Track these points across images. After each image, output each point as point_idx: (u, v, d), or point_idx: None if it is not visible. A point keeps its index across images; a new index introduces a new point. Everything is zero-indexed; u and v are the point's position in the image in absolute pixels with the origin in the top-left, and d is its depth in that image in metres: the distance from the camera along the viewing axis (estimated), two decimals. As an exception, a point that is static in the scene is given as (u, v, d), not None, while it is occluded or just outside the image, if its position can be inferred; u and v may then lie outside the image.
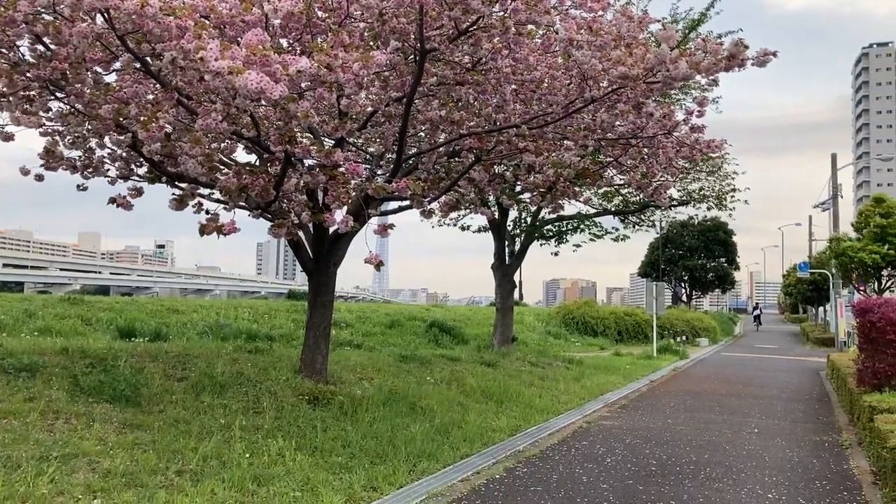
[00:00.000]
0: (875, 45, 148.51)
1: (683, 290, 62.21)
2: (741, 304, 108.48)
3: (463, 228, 21.84)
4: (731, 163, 20.47)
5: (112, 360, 8.93)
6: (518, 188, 14.93)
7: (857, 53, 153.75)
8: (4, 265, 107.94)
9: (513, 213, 20.95)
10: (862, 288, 32.11)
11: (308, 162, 8.09)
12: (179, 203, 7.02)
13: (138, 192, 7.81)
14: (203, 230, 6.62)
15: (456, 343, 23.09)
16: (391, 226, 7.58)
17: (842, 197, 36.40)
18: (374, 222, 9.48)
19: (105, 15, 5.65)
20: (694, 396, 14.99)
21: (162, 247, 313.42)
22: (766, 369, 22.61)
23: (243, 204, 7.81)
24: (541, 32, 7.51)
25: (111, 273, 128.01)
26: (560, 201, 9.69)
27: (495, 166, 9.46)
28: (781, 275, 76.19)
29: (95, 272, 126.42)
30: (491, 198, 18.66)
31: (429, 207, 8.48)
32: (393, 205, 10.08)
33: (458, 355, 16.05)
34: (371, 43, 7.05)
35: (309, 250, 10.27)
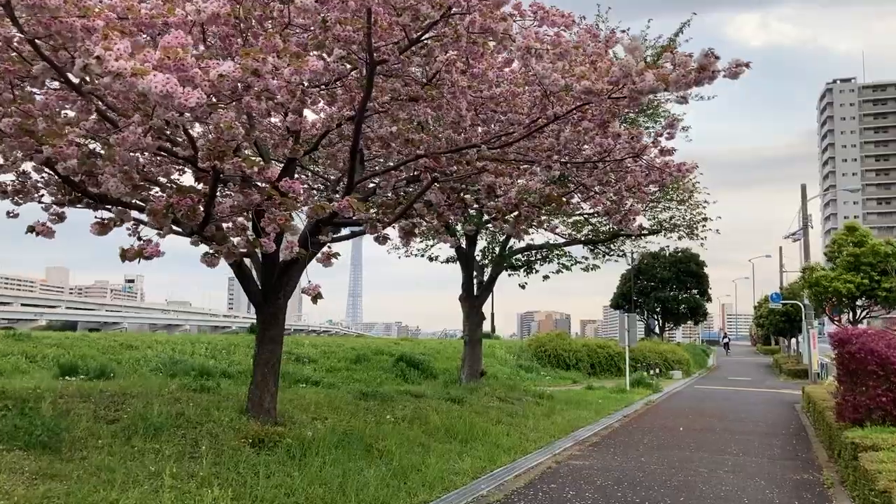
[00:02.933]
0: (839, 81, 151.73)
1: (656, 322, 61.96)
2: (713, 336, 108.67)
3: (431, 259, 21.26)
4: (702, 191, 20.17)
5: (35, 401, 8.17)
6: (485, 217, 14.45)
7: (821, 89, 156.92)
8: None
9: (481, 243, 20.43)
10: (837, 318, 31.82)
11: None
12: (102, 228, 6.35)
13: (60, 218, 7.13)
14: (124, 255, 5.97)
15: (424, 378, 22.38)
16: (336, 254, 7.00)
17: (812, 227, 36.42)
18: (345, 246, 8.95)
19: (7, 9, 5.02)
20: (668, 432, 14.41)
21: (131, 282, 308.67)
22: (741, 402, 22.13)
23: (178, 229, 7.17)
24: (502, 48, 6.98)
25: (76, 308, 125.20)
26: (525, 228, 9.16)
27: (458, 191, 8.90)
28: (753, 306, 76.36)
29: (59, 307, 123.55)
30: (459, 227, 18.20)
31: (383, 233, 7.90)
32: (352, 230, 9.49)
33: (423, 391, 15.36)
34: (315, 53, 6.53)
35: (257, 281, 9.61)
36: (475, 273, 19.71)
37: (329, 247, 12.73)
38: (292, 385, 13.91)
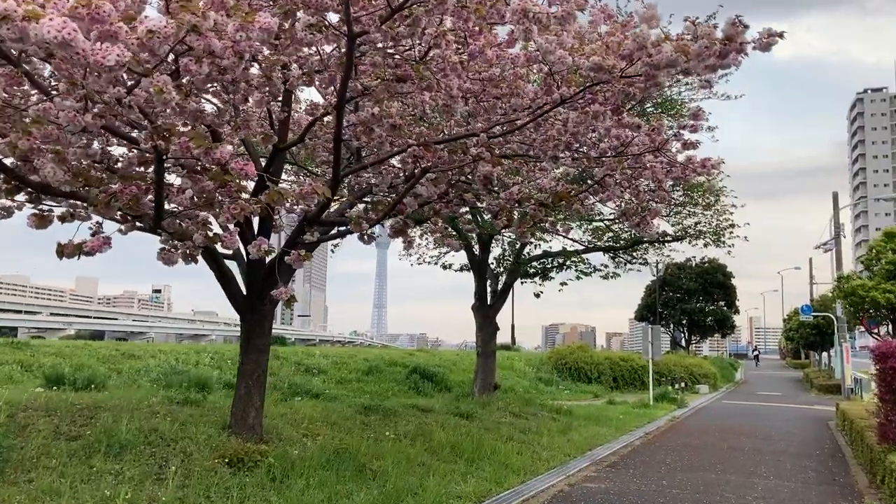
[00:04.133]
0: (870, 91, 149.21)
1: (682, 335, 60.49)
2: (741, 349, 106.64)
3: (444, 267, 20.42)
4: (729, 195, 19.08)
5: (-9, 415, 7.45)
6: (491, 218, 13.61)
7: (851, 99, 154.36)
8: (10, 310, 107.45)
9: (496, 250, 19.57)
10: (875, 330, 30.20)
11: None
12: (40, 220, 5.62)
13: (7, 213, 6.38)
14: (62, 251, 5.24)
15: (438, 390, 21.56)
16: (307, 256, 6.29)
17: (844, 237, 35.09)
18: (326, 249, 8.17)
19: None
20: (692, 451, 13.43)
21: (158, 291, 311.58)
22: (771, 419, 21.02)
23: (140, 224, 6.43)
24: (493, 12, 6.12)
25: (104, 318, 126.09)
26: (531, 229, 8.31)
27: (456, 185, 8.06)
28: (782, 319, 74.51)
29: (89, 317, 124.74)
30: (473, 233, 17.36)
31: (368, 231, 7.11)
32: (339, 230, 8.70)
33: (431, 405, 14.49)
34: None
35: (241, 284, 8.85)
36: (489, 281, 18.86)
37: (333, 246, 12.04)
38: (288, 398, 13.12)
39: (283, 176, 11.38)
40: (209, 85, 6.69)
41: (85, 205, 6.32)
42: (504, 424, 14.08)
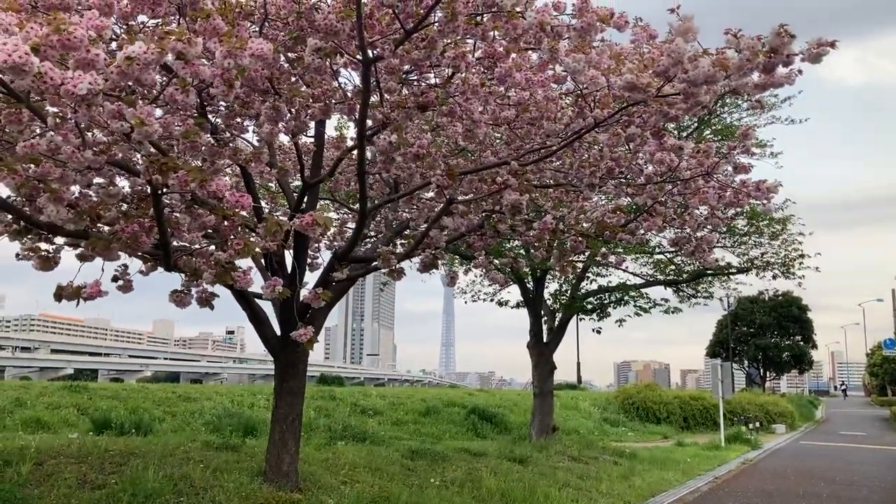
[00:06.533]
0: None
1: (757, 372, 58.15)
2: (822, 386, 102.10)
3: (500, 304, 19.94)
4: (796, 222, 18.02)
5: (17, 462, 7.28)
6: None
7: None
8: (91, 353, 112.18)
9: (552, 286, 18.99)
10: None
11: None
12: (44, 262, 5.43)
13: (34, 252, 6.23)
14: (60, 294, 5.03)
15: (498, 432, 20.99)
16: (325, 296, 6.00)
17: (928, 266, 33.19)
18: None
19: None
20: (764, 498, 12.51)
21: (232, 333, 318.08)
22: (852, 462, 19.64)
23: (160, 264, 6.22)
24: (509, 27, 5.72)
25: (179, 359, 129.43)
26: (572, 262, 7.84)
27: (492, 216, 7.66)
28: (865, 354, 71.04)
29: (165, 358, 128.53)
30: (527, 269, 16.86)
31: (397, 266, 6.76)
32: (367, 266, 8.39)
33: (484, 449, 13.92)
34: (291, 51, 5.54)
35: (275, 325, 8.58)
36: (546, 318, 18.28)
37: (382, 285, 11.73)
38: (332, 442, 12.75)
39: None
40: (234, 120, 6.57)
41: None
42: (561, 469, 13.40)
